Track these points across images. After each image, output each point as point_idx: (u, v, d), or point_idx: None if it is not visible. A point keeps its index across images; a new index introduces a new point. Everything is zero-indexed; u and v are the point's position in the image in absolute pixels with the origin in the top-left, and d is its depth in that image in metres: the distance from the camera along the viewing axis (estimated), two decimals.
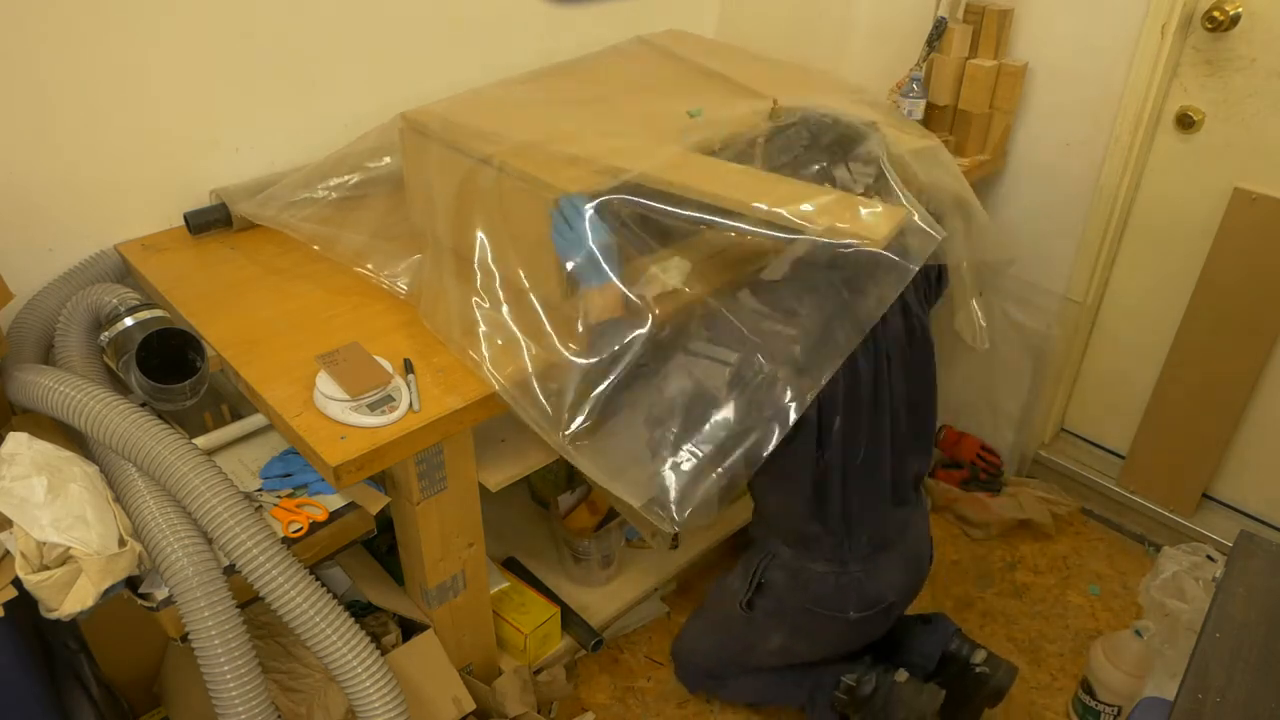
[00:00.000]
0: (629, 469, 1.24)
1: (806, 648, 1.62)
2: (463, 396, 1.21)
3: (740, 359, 1.24)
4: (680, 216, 1.22)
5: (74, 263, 1.43)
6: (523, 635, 1.67)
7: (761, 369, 1.23)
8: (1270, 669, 1.07)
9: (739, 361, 1.24)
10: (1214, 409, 2.06)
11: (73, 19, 1.30)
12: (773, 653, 1.63)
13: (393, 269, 1.42)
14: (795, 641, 1.60)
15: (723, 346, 1.26)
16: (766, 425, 1.21)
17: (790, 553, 1.52)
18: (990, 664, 1.65)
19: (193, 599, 1.10)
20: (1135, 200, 2.07)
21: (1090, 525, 2.32)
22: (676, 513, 1.19)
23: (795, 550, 1.51)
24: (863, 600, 1.51)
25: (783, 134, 1.35)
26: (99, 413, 1.13)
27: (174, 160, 1.49)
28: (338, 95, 1.61)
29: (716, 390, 1.23)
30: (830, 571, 1.49)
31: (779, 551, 1.53)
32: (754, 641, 1.63)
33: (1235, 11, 1.77)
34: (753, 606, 1.57)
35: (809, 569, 1.50)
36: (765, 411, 1.22)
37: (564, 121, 1.42)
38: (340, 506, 1.27)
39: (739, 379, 1.24)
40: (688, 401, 1.24)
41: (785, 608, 1.55)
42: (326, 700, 1.33)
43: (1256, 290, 1.90)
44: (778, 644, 1.60)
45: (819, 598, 1.51)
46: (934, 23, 2.01)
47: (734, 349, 1.25)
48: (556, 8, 1.79)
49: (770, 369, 1.23)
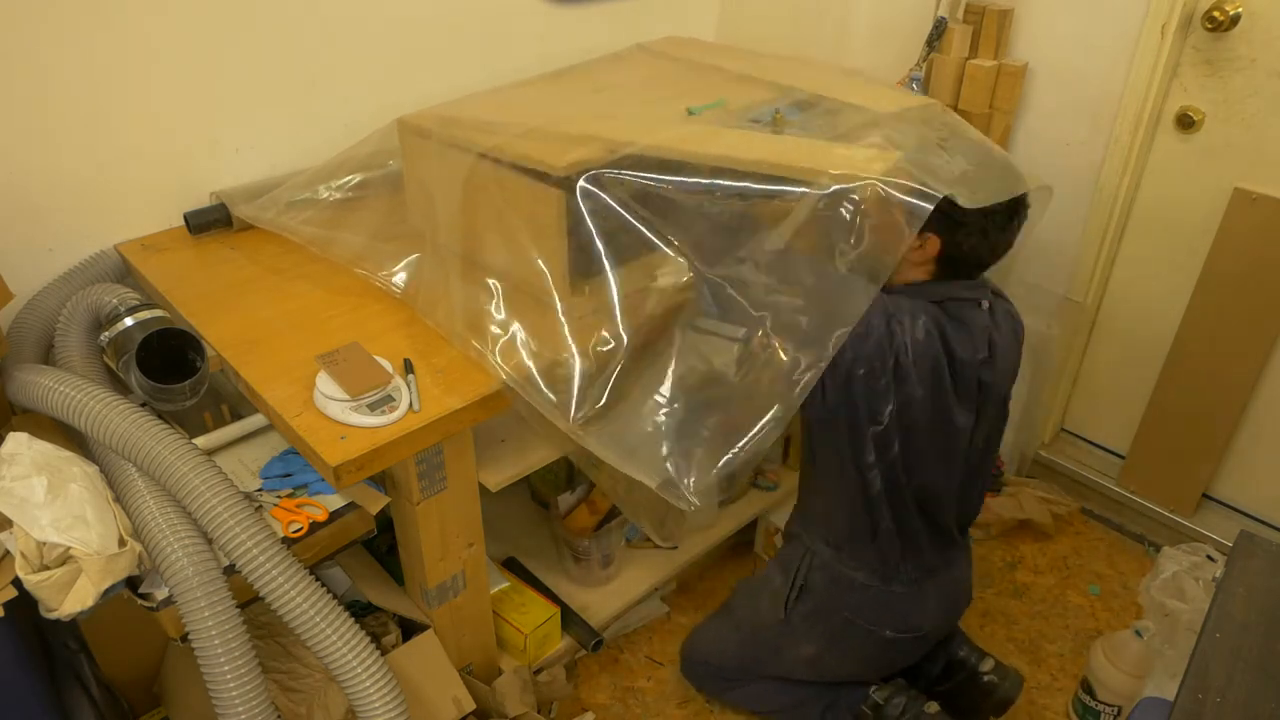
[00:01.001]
0: (641, 450, 1.22)
1: (836, 662, 1.58)
2: (463, 396, 1.21)
3: (747, 333, 1.23)
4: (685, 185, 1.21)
5: (74, 263, 1.43)
6: (523, 635, 1.67)
7: (769, 342, 1.22)
8: (1270, 669, 1.07)
9: (746, 335, 1.23)
10: (1214, 409, 2.06)
11: (73, 19, 1.30)
12: (801, 662, 1.59)
13: (389, 269, 1.42)
14: (828, 653, 1.56)
15: (729, 322, 1.24)
16: (778, 399, 1.19)
17: (831, 554, 1.49)
18: (998, 673, 1.64)
19: (193, 599, 1.10)
20: (1135, 200, 2.07)
21: (1090, 525, 2.32)
22: (692, 490, 1.18)
23: (836, 553, 1.49)
24: (901, 622, 1.49)
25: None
26: (99, 413, 1.13)
27: (174, 160, 1.49)
28: (338, 96, 1.61)
29: (726, 367, 1.22)
30: (872, 585, 1.48)
31: (819, 551, 1.50)
32: (784, 647, 1.59)
33: (1235, 11, 1.77)
34: (790, 609, 1.54)
35: (850, 576, 1.48)
36: (777, 385, 1.20)
37: (564, 108, 1.42)
38: (340, 506, 1.27)
39: (748, 354, 1.23)
40: (698, 380, 1.23)
41: (824, 614, 1.52)
42: (326, 700, 1.33)
43: (1256, 290, 1.90)
44: (809, 653, 1.57)
45: (859, 608, 1.49)
46: (934, 23, 2.01)
47: (740, 323, 1.23)
48: (557, 8, 1.79)
49: (778, 341, 1.22)
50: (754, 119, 1.38)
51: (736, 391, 1.22)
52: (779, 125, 1.35)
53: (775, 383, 1.20)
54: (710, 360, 1.23)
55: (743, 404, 1.21)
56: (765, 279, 1.27)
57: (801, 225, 1.25)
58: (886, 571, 1.47)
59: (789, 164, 1.19)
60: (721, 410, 1.21)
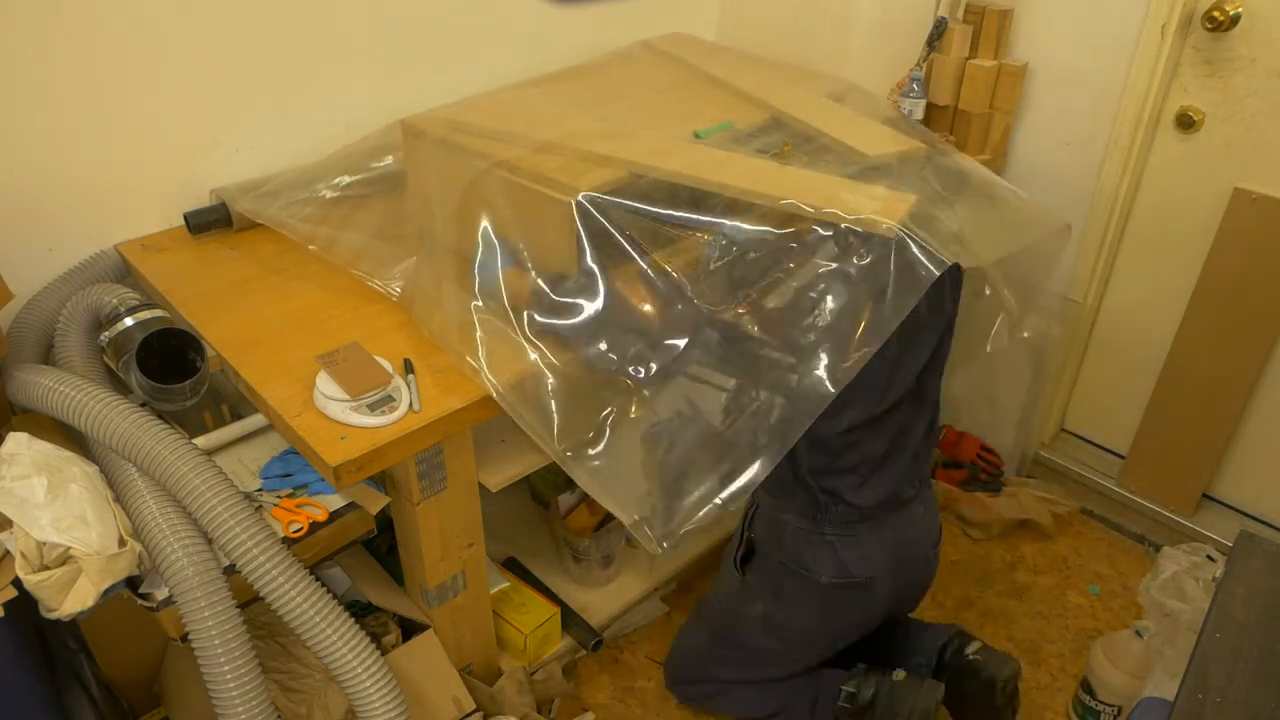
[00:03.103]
0: (622, 485, 1.23)
1: (786, 618, 1.58)
2: (463, 397, 1.21)
3: (737, 386, 1.23)
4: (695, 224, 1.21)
5: (74, 263, 1.43)
6: (523, 635, 1.67)
7: (757, 398, 1.22)
8: (1270, 669, 1.07)
9: (736, 388, 1.23)
10: (1214, 409, 2.06)
11: (73, 19, 1.30)
12: (756, 628, 1.60)
13: (388, 272, 1.41)
14: (776, 610, 1.57)
15: (720, 372, 1.25)
16: (760, 454, 1.19)
17: (770, 501, 1.51)
18: (984, 653, 1.63)
19: (193, 599, 1.10)
20: (1135, 200, 2.07)
21: (1090, 525, 2.32)
22: (663, 535, 1.19)
23: (774, 500, 1.51)
24: (837, 568, 1.48)
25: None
26: (99, 413, 1.13)
27: (174, 160, 1.49)
28: (338, 96, 1.61)
29: (712, 416, 1.23)
30: (802, 528, 1.48)
31: (761, 500, 1.53)
32: (740, 611, 1.61)
33: (1235, 11, 1.77)
34: (745, 567, 1.56)
35: (783, 520, 1.49)
36: (759, 440, 1.20)
37: (571, 122, 1.42)
38: (340, 506, 1.27)
39: (735, 406, 1.23)
40: (683, 424, 1.23)
41: (766, 564, 1.54)
42: (326, 700, 1.33)
43: (1256, 290, 1.90)
44: (759, 612, 1.58)
45: (792, 552, 1.50)
46: (934, 23, 2.01)
47: (731, 375, 1.24)
48: (556, 8, 1.79)
49: (767, 397, 1.22)
50: (760, 150, 1.38)
51: (719, 440, 1.22)
52: (785, 158, 1.36)
53: (758, 436, 1.20)
54: (697, 406, 1.23)
55: (723, 454, 1.21)
56: (760, 335, 1.26)
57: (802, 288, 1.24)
58: (816, 514, 1.47)
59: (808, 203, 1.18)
60: (703, 457, 1.21)
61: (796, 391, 1.20)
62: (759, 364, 1.23)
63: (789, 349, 1.24)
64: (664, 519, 1.20)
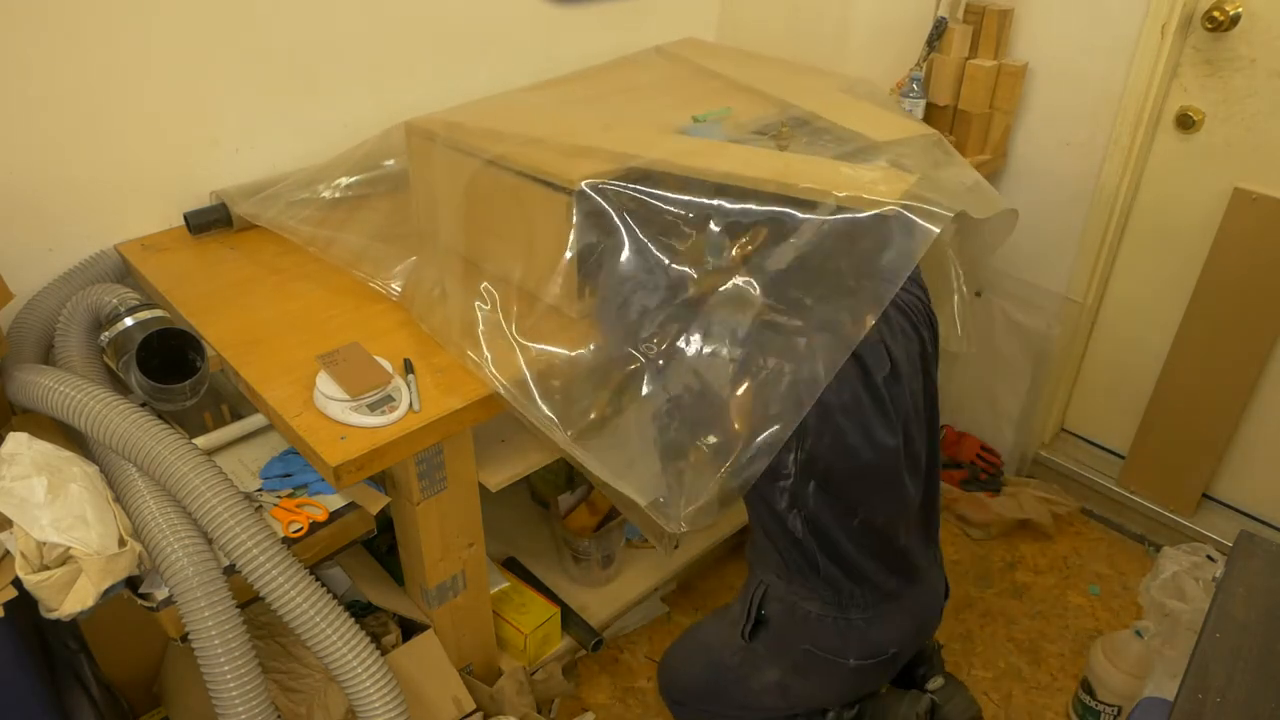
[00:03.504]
0: (634, 467, 1.21)
1: (802, 687, 1.51)
2: (463, 396, 1.21)
3: (745, 355, 1.20)
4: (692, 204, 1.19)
5: (74, 263, 1.43)
6: (523, 635, 1.67)
7: (765, 365, 1.19)
8: (1270, 669, 1.07)
9: (744, 358, 1.20)
10: (1214, 409, 2.06)
11: (73, 19, 1.30)
12: (769, 690, 1.52)
13: (388, 272, 1.41)
14: (793, 679, 1.49)
15: (727, 343, 1.22)
16: (773, 423, 1.16)
17: (783, 585, 1.42)
18: (944, 692, 1.56)
19: (193, 599, 1.10)
20: (1135, 200, 2.07)
21: (1090, 525, 2.32)
22: (681, 513, 1.16)
23: (788, 585, 1.41)
24: (865, 649, 1.42)
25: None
26: (99, 413, 1.13)
27: (174, 160, 1.49)
28: (339, 97, 1.61)
29: (721, 388, 1.20)
30: (828, 615, 1.40)
31: (772, 583, 1.43)
32: (748, 674, 1.52)
33: (1235, 11, 1.77)
34: (753, 638, 1.48)
35: (804, 608, 1.41)
36: (771, 409, 1.17)
37: (572, 118, 1.42)
38: (340, 506, 1.27)
39: (744, 375, 1.20)
40: (693, 400, 1.20)
41: (785, 644, 1.46)
42: (326, 700, 1.33)
43: (1256, 290, 1.90)
44: (775, 678, 1.50)
45: (818, 639, 1.42)
46: (934, 23, 2.01)
47: (739, 345, 1.21)
48: (557, 8, 1.79)
49: (775, 364, 1.18)
50: (759, 130, 1.37)
51: (730, 413, 1.18)
52: (784, 139, 1.35)
53: (769, 405, 1.17)
54: (707, 379, 1.19)
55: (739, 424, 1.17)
56: (765, 299, 1.23)
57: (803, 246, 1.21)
58: (841, 600, 1.39)
59: (798, 184, 1.17)
60: (715, 431, 1.18)
61: (804, 357, 1.18)
62: (764, 331, 1.20)
63: (794, 312, 1.21)
64: (682, 496, 1.17)
